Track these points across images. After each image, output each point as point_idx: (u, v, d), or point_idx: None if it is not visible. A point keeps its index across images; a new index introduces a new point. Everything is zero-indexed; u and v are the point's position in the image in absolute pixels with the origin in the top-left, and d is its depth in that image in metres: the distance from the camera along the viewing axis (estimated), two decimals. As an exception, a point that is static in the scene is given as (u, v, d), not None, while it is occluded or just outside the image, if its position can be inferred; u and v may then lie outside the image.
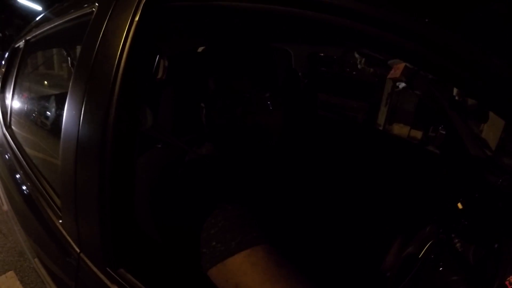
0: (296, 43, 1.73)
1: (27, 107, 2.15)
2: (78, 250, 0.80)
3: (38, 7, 9.60)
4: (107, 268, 0.70)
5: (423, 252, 0.85)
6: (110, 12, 0.70)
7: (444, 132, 1.33)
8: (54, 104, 2.13)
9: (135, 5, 0.63)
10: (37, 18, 1.54)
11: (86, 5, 0.87)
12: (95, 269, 0.73)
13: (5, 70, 2.00)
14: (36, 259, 1.22)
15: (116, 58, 0.64)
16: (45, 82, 7.70)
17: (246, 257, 0.56)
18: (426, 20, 0.39)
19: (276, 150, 0.81)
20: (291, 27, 0.72)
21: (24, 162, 1.40)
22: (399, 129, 5.65)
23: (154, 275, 0.69)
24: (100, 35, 0.71)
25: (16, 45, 1.96)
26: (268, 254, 0.57)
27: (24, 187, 1.32)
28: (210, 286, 0.61)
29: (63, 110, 0.79)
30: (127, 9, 0.65)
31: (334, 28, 0.46)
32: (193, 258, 0.64)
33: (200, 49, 1.36)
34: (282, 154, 0.88)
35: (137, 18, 0.62)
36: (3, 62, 2.22)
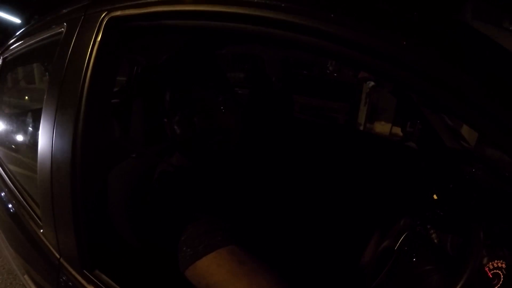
0: (267, 47, 1.77)
1: (8, 123, 2.16)
2: (58, 256, 0.84)
3: (17, 20, 9.47)
4: (84, 270, 0.75)
5: (398, 244, 0.88)
6: (76, 32, 0.76)
7: (421, 127, 1.35)
8: (32, 119, 2.14)
9: (97, 26, 0.69)
10: (12, 37, 1.57)
11: (56, 26, 0.91)
12: (73, 272, 0.78)
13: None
14: (25, 276, 1.25)
15: (82, 74, 0.69)
16: (26, 97, 7.59)
17: (212, 259, 0.62)
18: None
19: (243, 153, 0.85)
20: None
21: (7, 179, 1.43)
22: (381, 127, 5.71)
23: (127, 275, 0.75)
24: (69, 53, 0.76)
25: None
26: (232, 254, 0.62)
27: (9, 205, 1.35)
28: (181, 285, 0.66)
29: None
30: (91, 30, 0.71)
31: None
32: (165, 260, 0.69)
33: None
34: (251, 156, 0.92)
35: (99, 38, 0.68)
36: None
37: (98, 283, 0.73)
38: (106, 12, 0.69)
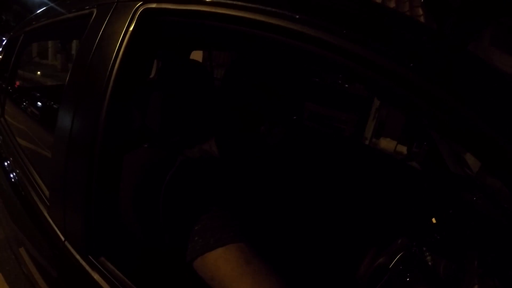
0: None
1: (20, 98, 2.17)
2: (63, 239, 0.84)
3: (37, -4, 9.53)
4: (89, 256, 0.75)
5: (393, 263, 0.88)
6: (107, 18, 0.76)
7: (427, 149, 1.36)
8: (48, 97, 2.15)
9: (130, 15, 0.69)
10: (37, 11, 1.57)
11: (86, 7, 0.92)
12: (78, 257, 0.78)
13: (1, 61, 2.03)
14: (21, 249, 1.25)
15: (110, 61, 0.69)
16: (38, 73, 7.66)
17: (221, 253, 0.63)
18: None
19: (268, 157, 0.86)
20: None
21: (15, 150, 1.44)
22: (386, 144, 5.71)
23: (132, 264, 0.75)
24: (97, 39, 0.76)
25: (15, 36, 1.99)
26: (240, 252, 0.63)
27: (13, 174, 1.35)
28: (184, 276, 0.68)
29: (56, 103, 0.84)
30: (123, 18, 0.71)
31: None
32: (172, 251, 0.70)
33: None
34: (271, 161, 0.93)
35: (131, 28, 0.68)
36: (0, 49, 2.22)
37: (103, 270, 0.73)
38: (141, 3, 0.69)
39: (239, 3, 0.55)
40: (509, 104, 0.42)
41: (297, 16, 0.50)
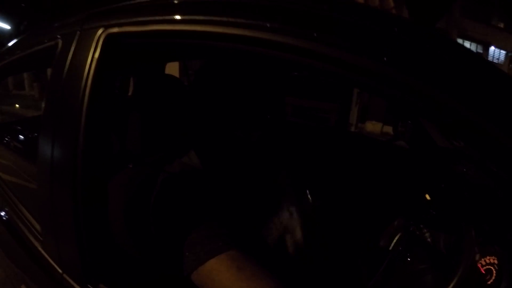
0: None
1: (1, 134, 2.14)
2: (60, 271, 0.84)
3: (7, 26, 9.39)
4: (88, 285, 0.76)
5: (392, 245, 0.90)
6: (72, 47, 0.76)
7: (412, 126, 1.35)
8: (29, 129, 2.12)
9: (95, 42, 0.70)
10: (7, 46, 1.56)
11: (50, 39, 0.91)
12: (77, 287, 0.78)
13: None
14: (22, 286, 1.24)
15: (81, 89, 0.70)
16: (17, 105, 7.55)
17: (213, 265, 0.64)
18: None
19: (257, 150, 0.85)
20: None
21: (1, 188, 1.42)
22: (372, 126, 5.78)
23: (132, 287, 0.75)
24: (66, 68, 0.76)
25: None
26: (231, 260, 0.64)
27: (3, 213, 1.34)
28: None
29: (36, 134, 0.84)
30: (88, 45, 0.71)
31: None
32: (168, 268, 0.71)
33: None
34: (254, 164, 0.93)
35: (97, 55, 0.69)
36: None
37: (103, 297, 0.73)
38: (103, 29, 0.69)
39: (196, 17, 0.56)
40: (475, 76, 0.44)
41: (261, 24, 0.51)
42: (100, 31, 0.69)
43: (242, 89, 0.77)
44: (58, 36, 0.85)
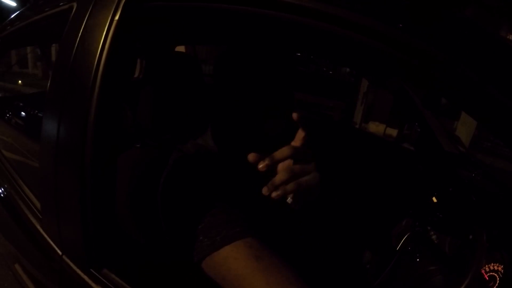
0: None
1: (3, 109, 2.09)
2: (60, 253, 0.79)
3: (13, 3, 9.33)
4: (91, 269, 0.70)
5: (400, 244, 0.90)
6: (89, 10, 0.70)
7: (419, 130, 1.37)
8: (31, 105, 2.08)
9: (115, 4, 0.63)
10: (12, 16, 1.49)
11: (63, 3, 0.85)
12: (78, 271, 0.73)
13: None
14: (16, 265, 1.20)
15: (96, 56, 0.64)
16: (19, 82, 7.51)
17: (229, 252, 0.60)
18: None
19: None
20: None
21: (1, 163, 1.37)
22: (375, 127, 5.80)
23: (137, 273, 0.71)
24: (80, 33, 0.70)
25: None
26: (249, 248, 0.61)
27: (1, 190, 1.29)
28: (191, 281, 0.65)
29: (39, 111, 0.78)
30: (107, 8, 0.65)
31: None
32: (176, 253, 0.67)
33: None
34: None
35: (117, 17, 0.62)
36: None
37: (107, 283, 0.68)
38: (125, -10, 0.63)
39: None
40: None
41: None
42: (121, -8, 0.63)
43: (264, 77, 0.74)
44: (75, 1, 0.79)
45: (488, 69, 0.42)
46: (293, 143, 0.64)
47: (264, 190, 0.60)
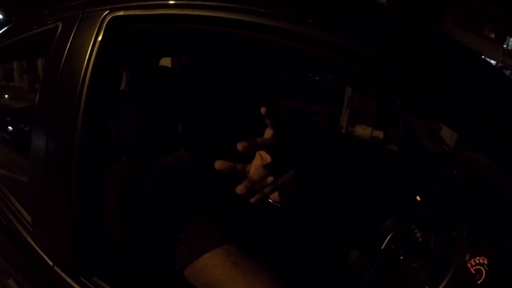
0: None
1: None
2: (51, 264, 0.81)
3: (-1, 15, 9.28)
4: (81, 278, 0.73)
5: (384, 244, 0.92)
6: (74, 30, 0.73)
7: (403, 131, 1.39)
8: (19, 120, 2.08)
9: (97, 25, 0.67)
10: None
11: (50, 22, 0.88)
12: (69, 280, 0.75)
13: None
14: (10, 280, 1.20)
15: (81, 75, 0.67)
16: (6, 96, 7.44)
17: (208, 259, 0.63)
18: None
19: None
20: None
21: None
22: (362, 130, 5.86)
23: (126, 280, 0.73)
24: (65, 52, 0.73)
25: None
26: (227, 254, 0.63)
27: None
28: (179, 285, 0.66)
29: (26, 125, 0.81)
30: (91, 29, 0.68)
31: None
32: (161, 262, 0.69)
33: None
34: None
35: (100, 38, 0.66)
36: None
37: (97, 290, 0.70)
38: (107, 11, 0.67)
39: (205, 3, 0.55)
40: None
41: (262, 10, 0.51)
42: (104, 14, 0.67)
43: (230, 85, 0.76)
44: (58, 20, 0.82)
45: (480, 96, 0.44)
46: (261, 140, 0.66)
47: (239, 189, 0.62)
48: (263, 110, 0.65)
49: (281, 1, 0.51)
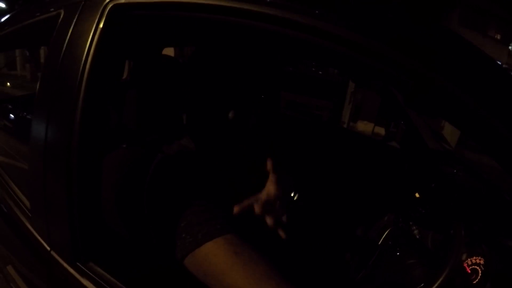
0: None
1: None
2: (48, 248, 0.82)
3: (2, 5, 9.26)
4: (77, 263, 0.74)
5: (382, 239, 0.93)
6: (76, 17, 0.73)
7: (404, 128, 1.38)
8: (20, 108, 2.08)
9: (99, 12, 0.67)
10: (2, 19, 1.51)
11: (52, 9, 0.89)
12: (65, 265, 0.76)
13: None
14: (9, 266, 1.22)
15: (81, 62, 0.68)
16: (8, 84, 7.46)
17: (210, 248, 0.63)
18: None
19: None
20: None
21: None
22: (364, 126, 5.84)
23: (122, 266, 0.74)
24: (67, 40, 0.74)
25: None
26: (229, 244, 0.63)
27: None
28: (174, 276, 0.68)
29: (27, 113, 0.82)
30: (92, 16, 0.69)
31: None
32: (162, 250, 0.70)
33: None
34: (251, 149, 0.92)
35: (101, 25, 0.66)
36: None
37: (93, 275, 0.71)
38: (109, -1, 0.67)
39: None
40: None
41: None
42: (106, 1, 0.67)
43: (233, 75, 0.76)
44: (60, 7, 0.82)
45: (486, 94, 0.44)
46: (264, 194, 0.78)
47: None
48: (268, 165, 0.72)
49: None
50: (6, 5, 9.07)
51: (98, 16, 0.67)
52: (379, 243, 0.93)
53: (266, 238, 0.80)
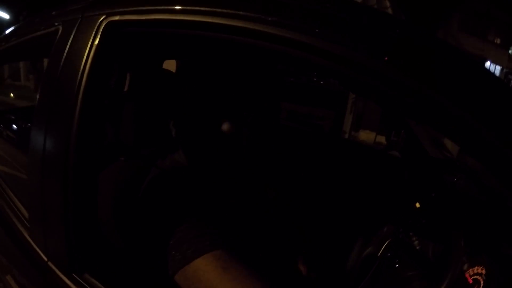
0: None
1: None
2: (45, 259, 0.83)
3: (6, 16, 9.37)
4: (73, 274, 0.75)
5: (381, 251, 0.91)
6: (73, 33, 0.76)
7: (405, 137, 1.38)
8: (23, 119, 2.11)
9: (95, 29, 0.70)
10: (6, 32, 1.55)
11: (51, 25, 0.91)
12: (61, 276, 0.77)
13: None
14: (8, 276, 1.23)
15: (78, 77, 0.70)
16: (11, 95, 7.54)
17: (199, 264, 0.63)
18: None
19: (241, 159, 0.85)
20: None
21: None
22: (366, 135, 5.83)
23: (116, 278, 0.75)
24: (64, 54, 0.76)
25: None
26: (217, 260, 0.64)
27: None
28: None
29: (28, 123, 0.83)
30: (88, 32, 0.71)
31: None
32: (153, 263, 0.70)
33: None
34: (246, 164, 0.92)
35: (96, 41, 0.68)
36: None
37: (88, 286, 0.72)
38: (104, 16, 0.69)
39: (197, 8, 0.57)
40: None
41: (262, 17, 0.52)
42: (101, 19, 0.69)
43: (221, 87, 0.75)
44: (59, 23, 0.85)
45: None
46: None
47: None
48: None
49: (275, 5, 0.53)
50: (10, 16, 9.18)
51: (93, 33, 0.70)
52: (378, 254, 0.91)
53: (258, 251, 0.80)
